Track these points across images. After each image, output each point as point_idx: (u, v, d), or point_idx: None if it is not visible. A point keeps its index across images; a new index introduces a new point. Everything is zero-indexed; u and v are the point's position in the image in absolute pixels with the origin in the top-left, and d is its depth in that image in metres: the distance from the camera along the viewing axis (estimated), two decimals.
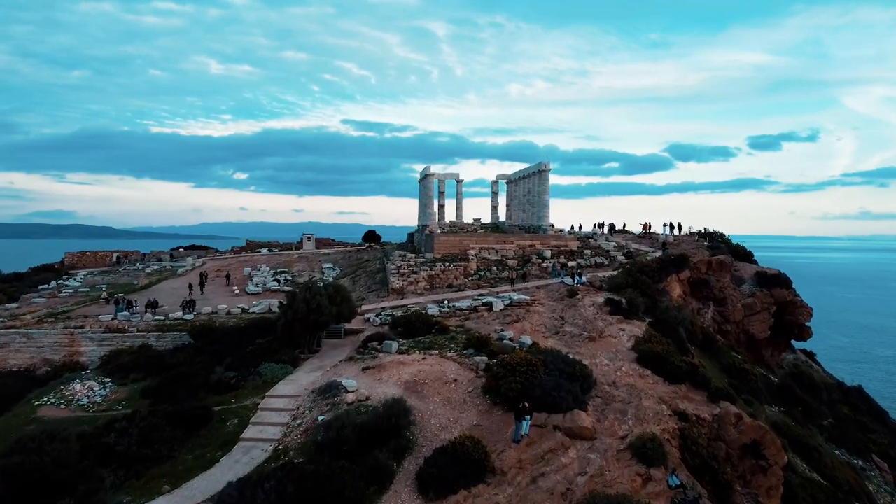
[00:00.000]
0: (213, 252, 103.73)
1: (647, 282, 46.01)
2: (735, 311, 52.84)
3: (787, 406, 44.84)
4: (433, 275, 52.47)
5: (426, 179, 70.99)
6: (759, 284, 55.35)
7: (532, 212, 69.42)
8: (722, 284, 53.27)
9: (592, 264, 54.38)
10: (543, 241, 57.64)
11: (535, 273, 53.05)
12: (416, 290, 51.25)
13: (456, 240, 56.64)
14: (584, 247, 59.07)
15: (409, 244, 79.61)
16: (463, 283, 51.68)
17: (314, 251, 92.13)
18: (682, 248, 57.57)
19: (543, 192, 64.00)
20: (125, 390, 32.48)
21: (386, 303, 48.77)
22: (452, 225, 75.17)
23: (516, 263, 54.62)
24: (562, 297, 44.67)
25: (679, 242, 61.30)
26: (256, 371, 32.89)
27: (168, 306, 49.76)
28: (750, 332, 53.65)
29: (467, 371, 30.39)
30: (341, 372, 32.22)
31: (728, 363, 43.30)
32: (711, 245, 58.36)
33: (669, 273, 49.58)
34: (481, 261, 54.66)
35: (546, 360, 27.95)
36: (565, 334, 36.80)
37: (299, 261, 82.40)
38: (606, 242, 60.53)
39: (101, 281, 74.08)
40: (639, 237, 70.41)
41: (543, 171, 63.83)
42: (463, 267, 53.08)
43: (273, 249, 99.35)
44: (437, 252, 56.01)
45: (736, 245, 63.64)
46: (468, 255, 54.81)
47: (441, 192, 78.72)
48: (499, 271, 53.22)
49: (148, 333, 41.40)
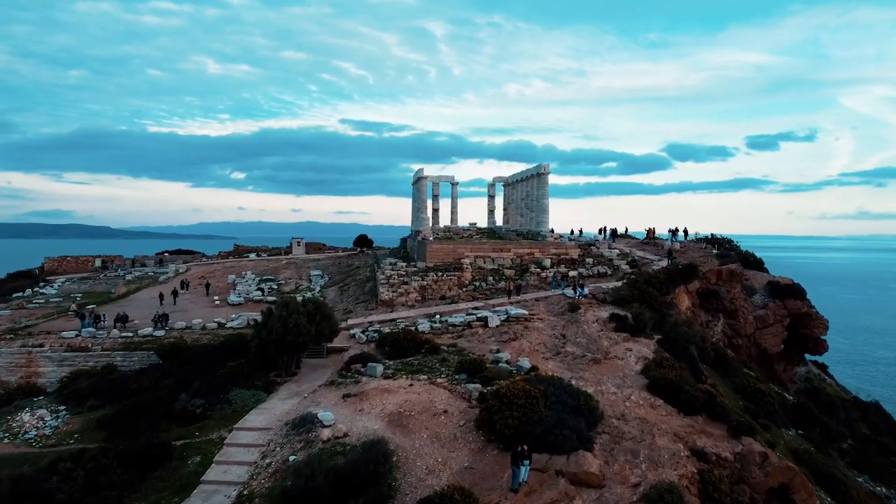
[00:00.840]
0: (199, 257, 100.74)
1: (654, 294, 43.16)
2: (746, 324, 50.04)
3: (804, 428, 42.09)
4: (425, 285, 49.55)
5: (419, 182, 68.11)
6: (772, 295, 52.57)
7: (530, 216, 66.54)
8: (733, 295, 50.47)
9: (595, 274, 51.52)
10: (542, 248, 54.75)
11: (533, 283, 50.17)
12: (406, 302, 48.34)
13: (450, 248, 53.72)
14: (586, 255, 56.19)
15: (401, 250, 76.74)
16: (457, 295, 48.77)
17: (304, 256, 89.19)
18: (689, 257, 54.74)
19: (542, 195, 61.13)
20: (79, 420, 29.52)
21: (374, 316, 45.84)
22: (447, 230, 72.26)
23: (514, 273, 51.72)
24: (563, 311, 41.80)
25: (686, 250, 58.46)
26: (226, 398, 29.96)
27: (140, 320, 46.77)
28: (762, 346, 50.87)
29: (459, 400, 27.49)
30: (319, 399, 29.31)
31: (742, 383, 40.48)
32: (720, 253, 55.55)
33: (677, 284, 46.76)
34: (476, 270, 51.78)
35: (547, 391, 25.04)
36: (567, 355, 33.91)
37: (287, 267, 79.40)
38: (609, 250, 57.69)
39: (78, 289, 71.05)
40: (642, 243, 67.58)
41: (542, 173, 60.96)
42: (457, 277, 50.17)
43: (262, 254, 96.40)
44: (429, 261, 53.09)
45: (745, 252, 60.86)
46: (463, 264, 51.91)
47: (435, 196, 75.83)
48: (495, 282, 50.31)
49: (113, 352, 38.41)
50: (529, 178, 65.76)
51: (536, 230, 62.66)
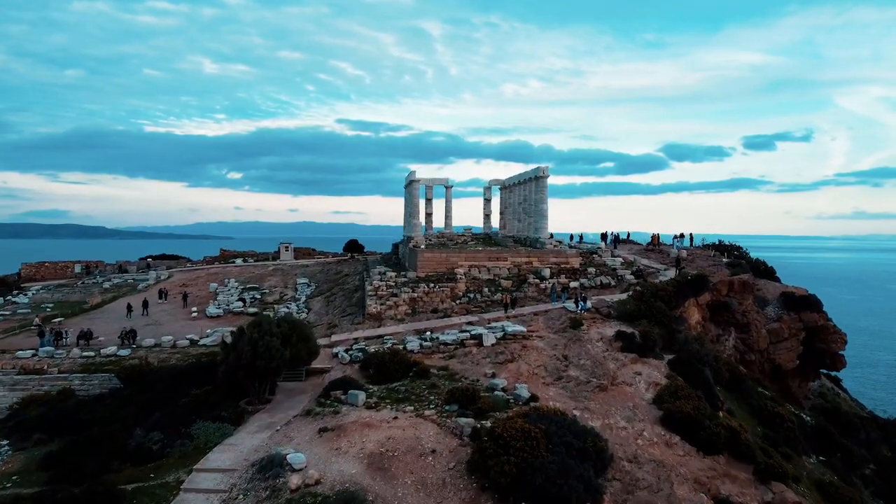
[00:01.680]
0: (184, 262, 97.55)
1: (663, 309, 40.22)
2: (760, 339, 47.16)
3: (826, 453, 39.28)
4: (416, 297, 46.51)
5: (411, 185, 65.11)
6: (786, 307, 49.68)
7: (528, 222, 63.55)
8: (745, 308, 47.58)
9: (597, 285, 48.54)
10: (541, 257, 51.74)
11: (532, 295, 47.16)
12: (395, 316, 45.30)
13: (442, 256, 50.67)
14: (588, 263, 53.20)
15: (393, 256, 73.69)
16: (450, 308, 45.74)
17: (292, 262, 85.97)
18: (697, 266, 51.81)
19: (541, 200, 58.13)
20: (21, 458, 26.42)
21: (360, 332, 42.78)
22: (441, 236, 69.23)
23: (511, 284, 48.70)
24: (564, 327, 38.81)
25: (693, 258, 55.53)
26: (188, 432, 26.90)
27: (108, 336, 43.64)
28: (776, 361, 48.00)
29: (449, 437, 24.49)
30: (293, 434, 26.28)
31: (759, 406, 37.65)
32: (731, 262, 52.62)
33: (686, 297, 43.86)
34: (471, 281, 48.74)
35: (549, 431, 22.03)
36: (570, 380, 30.90)
37: (274, 273, 76.22)
38: (612, 258, 54.71)
39: (52, 298, 67.79)
40: (646, 250, 64.68)
41: (541, 176, 57.98)
42: (450, 288, 47.14)
43: (248, 259, 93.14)
44: (420, 270, 50.03)
45: (755, 260, 57.96)
46: (456, 274, 48.87)
47: (428, 199, 72.81)
48: (491, 293, 47.28)
49: (72, 375, 35.24)
50: (527, 182, 62.79)
51: (535, 236, 59.67)
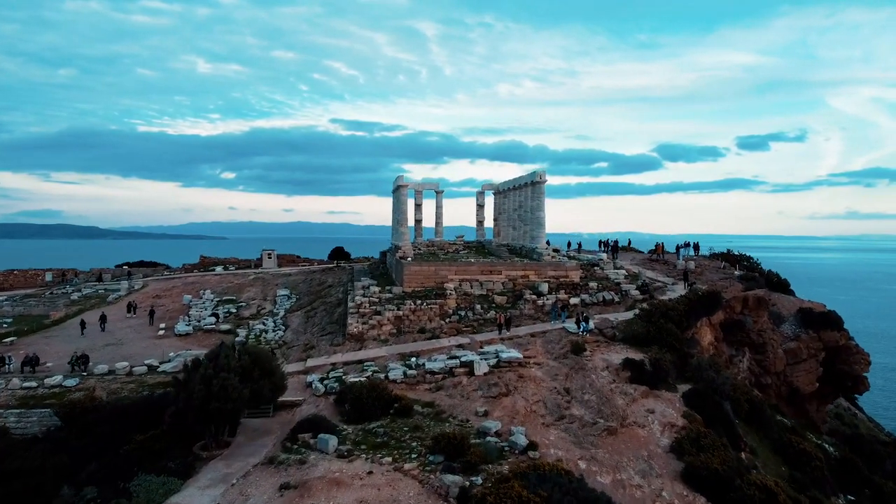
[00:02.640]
0: (163, 269, 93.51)
1: (674, 331, 36.66)
2: (776, 360, 43.66)
3: (854, 491, 35.81)
4: (401, 316, 42.75)
5: (399, 190, 61.35)
6: (804, 324, 46.23)
7: (524, 230, 59.92)
8: (760, 326, 44.07)
9: (600, 301, 44.92)
10: (538, 270, 48.04)
11: (528, 313, 43.49)
12: (379, 336, 41.55)
13: (430, 270, 46.90)
14: (589, 277, 49.56)
15: (380, 265, 69.86)
16: (438, 328, 42.04)
17: (274, 270, 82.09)
18: (708, 279, 48.31)
19: (538, 207, 54.50)
20: None
21: (339, 355, 39.02)
22: (431, 244, 65.53)
23: (505, 301, 45.01)
24: (565, 352, 35.18)
25: (702, 270, 52.02)
26: (127, 488, 23.10)
27: (59, 360, 39.62)
28: (794, 384, 44.53)
29: (433, 498, 20.84)
30: (250, 491, 22.55)
31: (782, 440, 34.10)
32: (744, 275, 49.09)
33: (699, 316, 40.30)
34: (462, 297, 45.00)
35: (551, 499, 18.36)
36: (573, 420, 27.24)
37: (254, 283, 72.31)
38: (615, 271, 51.08)
39: (12, 311, 63.48)
40: (650, 260, 61.15)
41: (538, 182, 54.35)
42: (439, 306, 43.40)
43: (230, 267, 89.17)
44: (407, 285, 46.27)
45: (768, 272, 54.48)
46: (445, 289, 45.12)
47: (418, 205, 69.23)
48: (483, 311, 43.58)
49: (7, 410, 31.27)
50: (523, 187, 59.17)
51: (531, 246, 56.02)
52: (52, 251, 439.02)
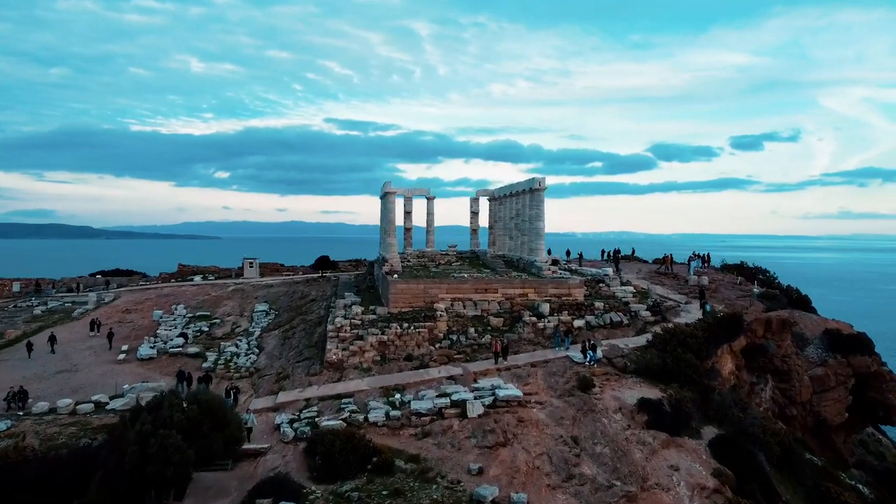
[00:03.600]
0: (139, 278, 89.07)
1: (693, 362, 32.73)
2: (802, 388, 39.82)
3: None
4: (386, 341, 38.63)
5: (387, 198, 57.24)
6: (831, 347, 42.41)
7: (521, 240, 55.90)
8: (784, 351, 40.19)
9: (607, 323, 40.92)
10: (538, 288, 43.99)
11: (528, 337, 39.44)
12: (361, 364, 37.44)
13: (419, 288, 42.78)
14: (594, 295, 45.56)
15: (367, 276, 65.64)
16: (428, 354, 37.95)
17: (256, 280, 77.73)
18: (724, 297, 44.42)
19: (537, 217, 50.48)
20: None
21: (315, 388, 34.91)
22: (421, 255, 61.43)
23: (502, 323, 40.94)
24: (570, 388, 31.16)
25: (717, 286, 48.11)
26: None
27: None
28: (821, 415, 40.72)
29: None
30: None
31: (819, 489, 30.14)
32: (764, 293, 45.16)
33: (719, 343, 36.39)
34: (454, 319, 40.90)
35: None
36: (584, 481, 23.23)
37: (232, 296, 68.00)
38: (622, 287, 47.08)
39: None
40: (658, 273, 57.22)
41: (536, 189, 50.35)
42: (428, 329, 39.29)
43: (209, 276, 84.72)
44: (393, 305, 42.15)
45: (787, 287, 50.63)
46: (436, 310, 41.01)
47: (407, 213, 65.12)
48: (478, 335, 39.50)
49: None
50: (520, 194, 55.15)
51: (529, 258, 51.99)
52: (46, 251, 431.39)
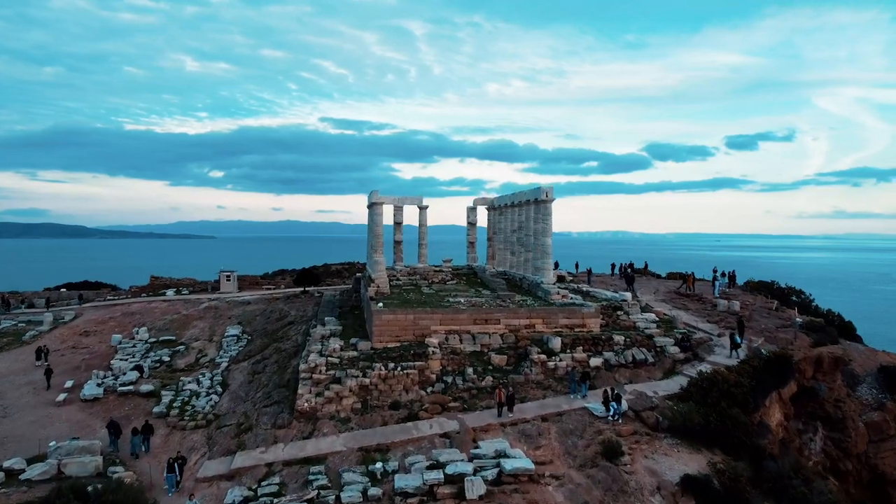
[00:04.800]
0: (107, 291, 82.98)
1: (742, 420, 27.16)
2: (857, 437, 34.32)
3: None
4: (368, 385, 32.89)
5: (374, 208, 51.59)
6: (888, 387, 36.82)
7: (525, 257, 50.30)
8: (837, 394, 34.66)
9: (629, 362, 35.28)
10: (548, 318, 38.32)
11: (536, 378, 33.77)
12: (338, 413, 31.74)
13: (408, 319, 37.05)
14: (612, 325, 39.91)
15: (353, 294, 59.91)
16: (418, 400, 32.26)
17: (233, 296, 71.83)
18: (761, 327, 38.86)
19: (543, 231, 44.88)
20: None
21: (280, 447, 29.18)
22: (412, 272, 55.73)
23: (505, 361, 35.26)
24: (592, 454, 25.56)
25: (750, 311, 42.53)
26: None
27: None
28: (879, 468, 35.12)
29: None
30: None
31: None
32: (808, 323, 39.49)
33: (768, 391, 30.83)
34: (448, 356, 35.18)
35: None
36: None
37: (203, 315, 62.18)
38: (642, 315, 41.43)
39: None
40: (679, 294, 51.62)
41: (543, 200, 44.78)
42: (418, 370, 33.56)
43: (183, 290, 78.73)
44: (377, 339, 36.42)
45: (827, 312, 45.09)
46: (427, 346, 35.28)
47: (398, 224, 59.50)
48: (477, 376, 33.78)
49: None
50: (524, 205, 49.56)
51: (534, 279, 46.35)
52: (38, 251, 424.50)
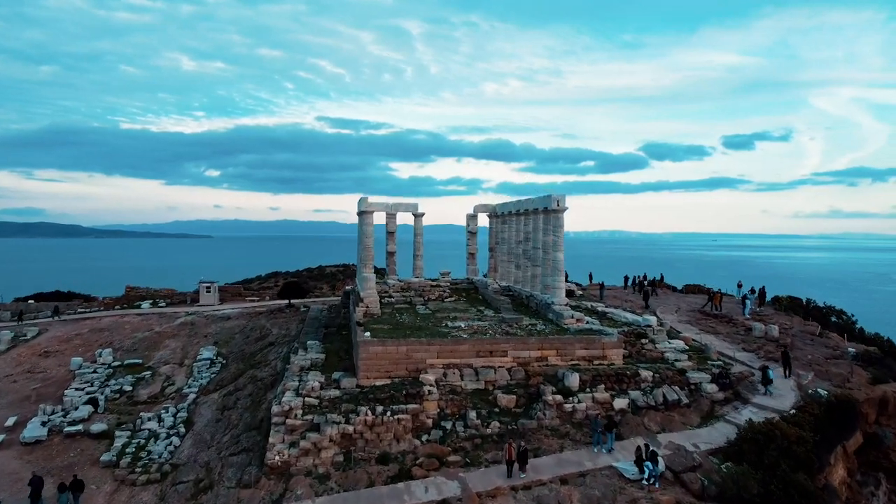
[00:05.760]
0: (78, 303, 77.76)
1: (807, 487, 22.28)
2: None
3: None
4: (353, 433, 27.93)
5: (364, 217, 46.74)
6: None
7: (533, 272, 45.42)
8: None
9: (660, 403, 30.37)
10: (562, 348, 33.41)
11: (551, 425, 28.84)
12: (315, 468, 26.82)
13: (399, 352, 32.12)
14: (636, 355, 34.99)
15: (342, 310, 54.90)
16: (411, 451, 27.34)
17: (213, 309, 66.89)
18: (808, 359, 34.00)
19: (554, 245, 40.03)
20: None
21: None
22: (406, 288, 50.78)
23: (514, 402, 30.31)
24: None
25: (791, 340, 37.65)
26: None
27: None
28: None
29: None
30: None
31: None
32: (863, 354, 34.63)
33: (832, 445, 25.94)
34: (447, 396, 30.25)
35: None
36: None
37: (178, 332, 57.23)
38: (669, 343, 36.56)
39: None
40: (704, 314, 46.78)
41: (554, 210, 39.95)
42: (411, 414, 28.61)
43: (160, 302, 73.77)
44: (364, 374, 31.45)
45: (874, 336, 40.34)
46: (422, 384, 30.33)
47: (390, 233, 54.66)
48: (481, 421, 28.84)
49: None
50: (531, 214, 44.74)
51: (544, 299, 41.45)
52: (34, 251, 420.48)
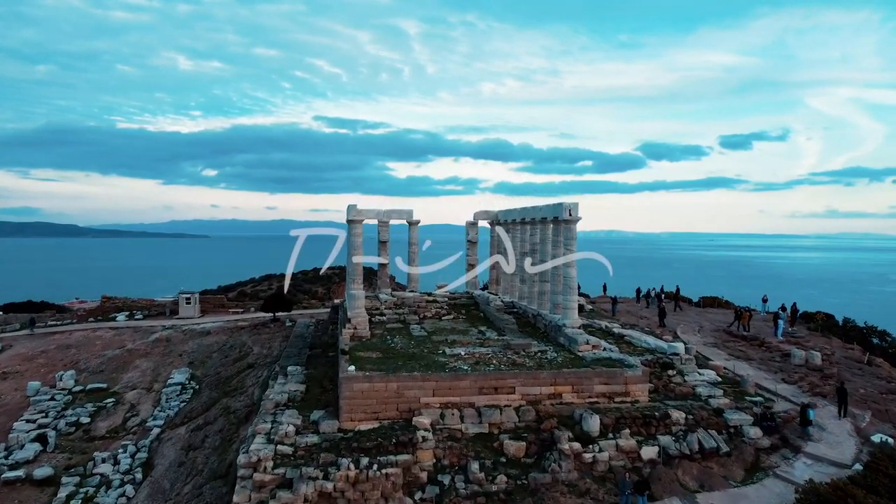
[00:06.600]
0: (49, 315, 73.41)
1: None
2: None
3: None
4: (331, 492, 23.60)
5: (353, 226, 42.42)
6: None
7: (540, 288, 41.14)
8: None
9: (695, 451, 26.05)
10: (579, 383, 29.09)
11: (568, 479, 24.52)
12: None
13: (389, 389, 27.77)
14: (663, 390, 30.62)
15: (330, 326, 50.52)
16: None
17: (192, 322, 62.52)
18: (862, 393, 29.81)
19: (567, 264, 35.75)
20: None
21: None
22: (399, 303, 46.47)
23: (524, 450, 25.97)
24: None
25: (836, 369, 33.49)
26: None
27: None
28: None
29: None
30: None
31: None
32: None
33: None
34: (445, 444, 25.92)
35: None
36: None
37: (151, 350, 52.95)
38: (699, 375, 32.29)
39: None
40: (729, 333, 42.57)
41: (566, 220, 35.72)
42: (402, 468, 24.31)
43: (137, 314, 69.46)
44: (348, 415, 27.08)
45: None
46: (416, 429, 25.98)
47: (382, 242, 50.52)
48: (486, 475, 24.52)
49: None
50: (539, 223, 40.50)
51: (555, 321, 37.17)
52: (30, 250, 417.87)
